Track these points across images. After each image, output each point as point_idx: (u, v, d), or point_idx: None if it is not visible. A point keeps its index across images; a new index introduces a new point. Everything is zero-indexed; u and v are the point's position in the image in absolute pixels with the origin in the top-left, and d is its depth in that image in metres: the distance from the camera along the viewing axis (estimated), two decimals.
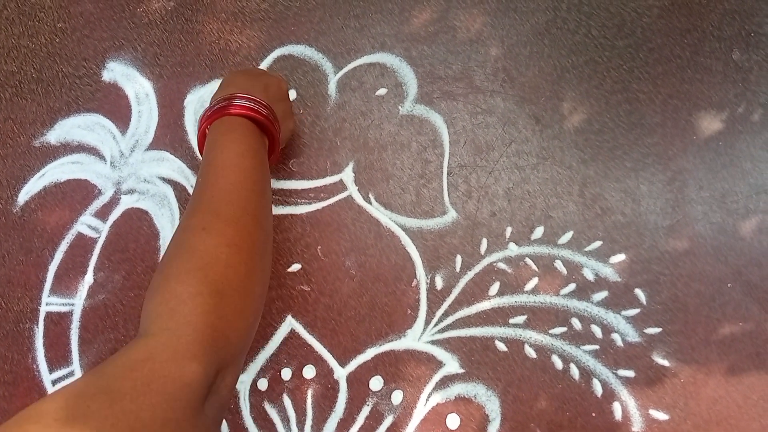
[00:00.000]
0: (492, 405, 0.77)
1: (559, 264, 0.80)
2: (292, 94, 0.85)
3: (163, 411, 0.39)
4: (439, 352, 0.79)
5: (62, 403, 0.37)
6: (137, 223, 0.83)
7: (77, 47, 0.87)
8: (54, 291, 0.82)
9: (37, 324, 0.81)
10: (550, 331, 0.78)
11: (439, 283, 0.80)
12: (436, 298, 0.80)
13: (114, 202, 0.83)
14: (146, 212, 0.83)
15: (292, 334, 0.79)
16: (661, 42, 0.83)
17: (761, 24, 0.83)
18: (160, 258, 0.53)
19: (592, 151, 0.82)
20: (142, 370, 0.40)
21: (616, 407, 0.76)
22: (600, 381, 0.77)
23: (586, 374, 0.77)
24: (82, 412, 0.36)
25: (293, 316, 0.80)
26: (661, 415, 0.76)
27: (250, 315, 0.52)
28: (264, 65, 0.86)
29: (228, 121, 0.63)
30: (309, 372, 0.78)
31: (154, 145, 0.84)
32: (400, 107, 0.84)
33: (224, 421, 0.78)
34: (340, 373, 0.78)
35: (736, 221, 0.79)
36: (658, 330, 0.77)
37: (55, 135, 0.85)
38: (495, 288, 0.79)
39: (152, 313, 0.46)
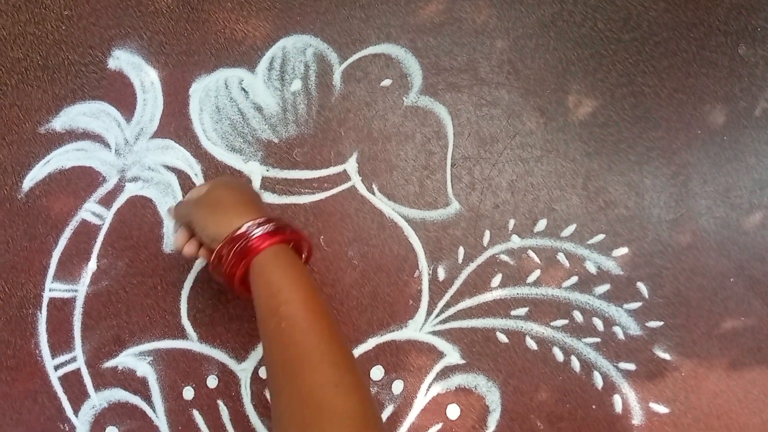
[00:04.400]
0: (492, 396, 0.77)
1: (561, 256, 0.80)
2: (297, 84, 0.85)
3: None
4: (440, 343, 0.79)
5: None
6: (141, 211, 0.83)
7: (83, 35, 0.87)
8: (57, 277, 0.82)
9: (41, 309, 0.81)
10: (552, 324, 0.78)
11: (441, 274, 0.80)
12: (438, 289, 0.80)
13: (118, 189, 0.83)
14: (150, 200, 0.83)
15: None
16: (667, 36, 0.83)
17: None
18: (282, 414, 0.51)
19: (596, 145, 0.82)
20: None
21: (617, 400, 0.76)
22: (601, 373, 0.77)
23: (587, 366, 0.77)
24: None
25: None
26: (661, 409, 0.76)
27: None
28: (269, 55, 0.85)
29: (279, 251, 0.61)
30: None
31: (159, 134, 0.84)
32: (404, 98, 0.84)
33: (225, 408, 0.78)
34: None
35: (739, 216, 0.79)
36: (659, 323, 0.77)
37: (60, 122, 0.85)
38: (497, 280, 0.79)
39: None
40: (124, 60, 0.86)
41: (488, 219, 0.81)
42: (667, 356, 0.77)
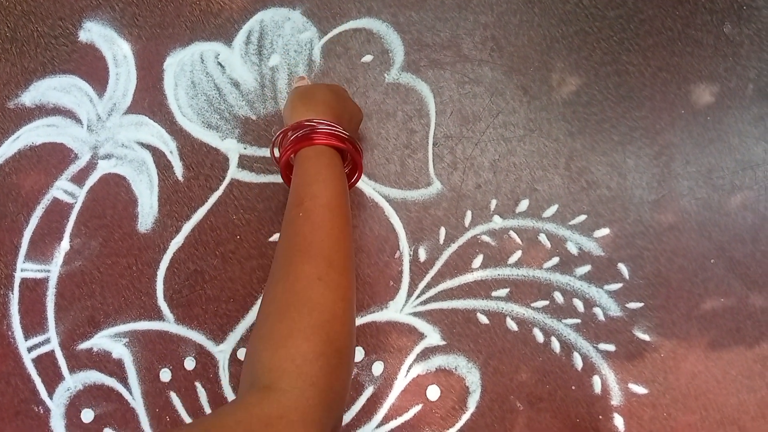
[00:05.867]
0: (472, 377, 0.77)
1: (543, 237, 0.79)
2: (275, 59, 0.82)
3: None
4: (420, 324, 0.78)
5: None
6: (115, 189, 0.81)
7: (53, 6, 0.84)
8: (29, 257, 0.80)
9: (12, 290, 0.80)
10: (532, 305, 0.78)
11: (422, 254, 0.79)
12: (419, 269, 0.79)
13: (91, 166, 0.81)
14: (124, 178, 0.81)
15: None
16: (652, 13, 0.82)
17: None
18: (266, 295, 0.51)
19: (579, 124, 0.81)
20: (277, 427, 0.41)
21: (596, 381, 0.77)
22: (580, 354, 0.77)
23: (567, 348, 0.77)
24: None
25: None
26: (640, 389, 0.76)
27: (352, 371, 0.53)
28: (246, 28, 0.83)
29: (328, 153, 0.62)
30: None
31: (133, 109, 0.82)
32: (386, 75, 0.82)
33: (203, 390, 0.78)
34: None
35: (721, 197, 0.79)
36: (640, 305, 0.77)
37: (30, 97, 0.82)
38: (478, 261, 0.79)
39: (277, 367, 0.46)
40: (95, 32, 0.83)
41: (470, 199, 0.80)
42: (646, 337, 0.77)
